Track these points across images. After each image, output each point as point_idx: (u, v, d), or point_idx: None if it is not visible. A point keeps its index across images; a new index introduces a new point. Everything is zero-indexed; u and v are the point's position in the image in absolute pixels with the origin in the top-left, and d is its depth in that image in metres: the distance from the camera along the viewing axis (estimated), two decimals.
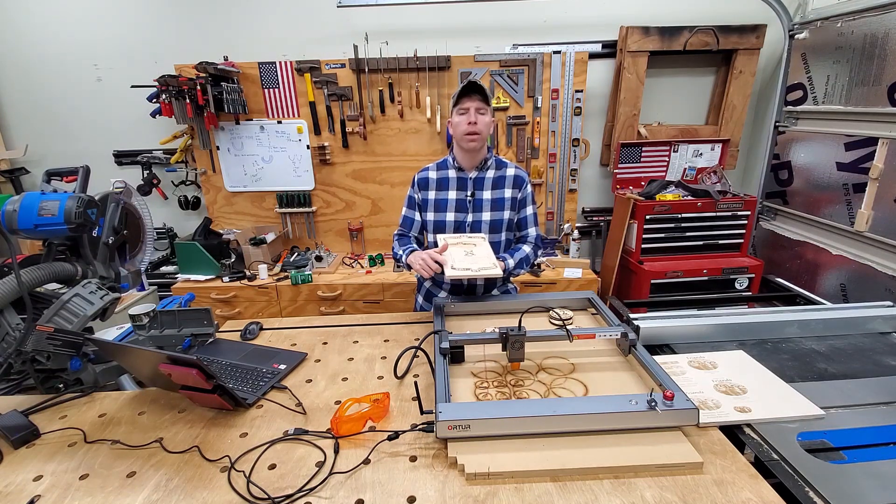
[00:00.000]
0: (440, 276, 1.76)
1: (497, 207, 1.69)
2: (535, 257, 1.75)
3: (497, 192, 1.69)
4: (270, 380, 1.31)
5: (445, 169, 1.73)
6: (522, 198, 1.72)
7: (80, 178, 1.34)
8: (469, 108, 1.57)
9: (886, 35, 2.16)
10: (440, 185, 1.72)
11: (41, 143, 3.05)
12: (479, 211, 1.69)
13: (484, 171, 1.70)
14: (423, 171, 1.76)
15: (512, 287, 1.88)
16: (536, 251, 1.75)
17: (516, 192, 1.70)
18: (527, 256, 1.70)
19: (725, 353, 1.35)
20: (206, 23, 2.84)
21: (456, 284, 1.77)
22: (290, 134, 2.92)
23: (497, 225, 1.70)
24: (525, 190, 1.72)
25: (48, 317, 1.20)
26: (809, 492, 0.86)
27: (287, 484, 0.94)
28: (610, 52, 2.85)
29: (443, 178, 1.72)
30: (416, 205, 1.76)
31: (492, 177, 1.70)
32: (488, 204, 1.68)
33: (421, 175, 1.76)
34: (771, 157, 2.84)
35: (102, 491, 0.94)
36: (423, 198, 1.74)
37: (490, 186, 1.69)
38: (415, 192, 1.76)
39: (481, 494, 0.89)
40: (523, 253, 1.69)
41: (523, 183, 1.71)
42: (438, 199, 1.71)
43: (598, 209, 3.18)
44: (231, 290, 2.70)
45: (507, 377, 1.25)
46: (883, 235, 2.18)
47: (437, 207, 1.71)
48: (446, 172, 1.72)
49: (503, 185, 1.69)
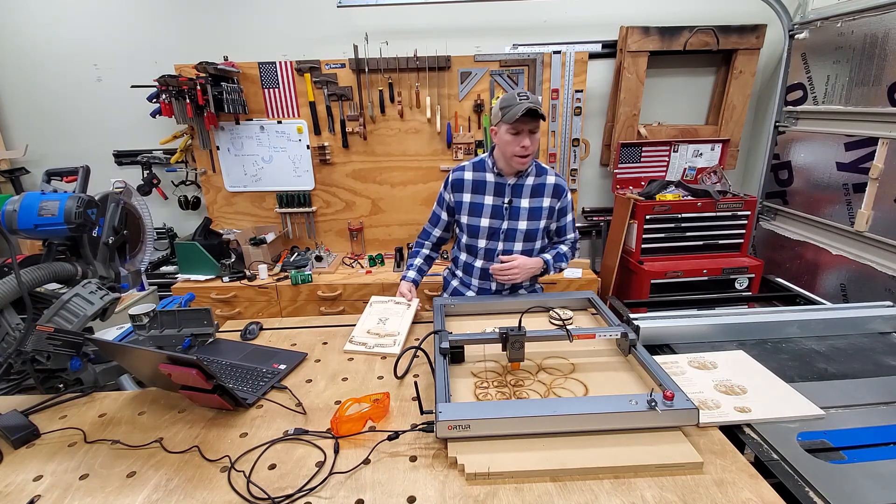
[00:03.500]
0: (467, 277, 1.79)
1: (534, 216, 1.65)
2: (572, 255, 1.78)
3: (535, 200, 1.65)
4: (270, 380, 1.31)
5: (483, 171, 1.67)
6: (562, 207, 1.70)
7: (80, 178, 1.34)
8: (524, 131, 1.50)
9: (886, 35, 2.16)
10: (476, 188, 1.67)
11: (41, 143, 3.05)
12: (516, 219, 1.65)
13: (524, 178, 1.64)
14: (457, 171, 1.70)
15: (539, 287, 1.88)
16: (574, 251, 1.79)
17: (555, 201, 1.67)
18: (564, 253, 1.73)
19: (725, 353, 1.35)
20: (206, 23, 2.84)
21: (484, 288, 1.76)
22: (290, 134, 2.92)
23: (532, 234, 1.67)
24: (565, 199, 1.69)
25: (48, 317, 1.20)
26: (809, 492, 0.86)
27: (287, 484, 0.94)
28: (610, 52, 2.85)
29: (480, 180, 1.67)
30: (447, 206, 1.74)
31: (531, 184, 1.65)
32: (525, 213, 1.65)
33: (456, 176, 1.70)
34: (771, 157, 2.84)
35: (102, 491, 0.94)
36: (458, 200, 1.70)
37: (529, 194, 1.65)
38: (447, 193, 1.72)
39: (481, 494, 0.89)
40: (561, 249, 1.73)
41: (563, 192, 1.68)
42: (474, 203, 1.67)
43: (598, 209, 3.18)
44: (231, 290, 2.70)
45: (507, 377, 1.25)
46: (883, 235, 2.18)
47: (472, 211, 1.67)
48: (484, 175, 1.66)
49: (542, 193, 1.65)
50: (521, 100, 1.46)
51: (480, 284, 1.76)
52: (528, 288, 1.83)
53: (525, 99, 1.46)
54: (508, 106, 1.48)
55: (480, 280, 1.75)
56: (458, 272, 1.82)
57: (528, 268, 1.64)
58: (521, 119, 1.46)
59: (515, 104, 1.46)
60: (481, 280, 1.74)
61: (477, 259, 1.72)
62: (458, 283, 1.82)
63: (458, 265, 1.81)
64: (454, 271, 1.85)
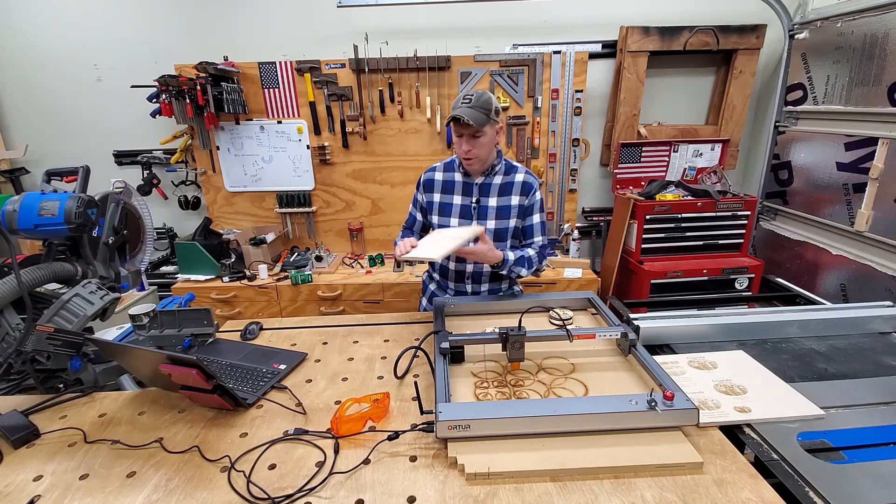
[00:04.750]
0: (443, 280, 1.77)
1: (503, 216, 1.63)
2: (538, 263, 1.65)
3: (503, 199, 1.62)
4: (270, 380, 1.31)
5: (452, 171, 1.67)
6: (529, 205, 1.62)
7: (80, 178, 1.34)
8: (464, 134, 1.49)
9: (886, 35, 2.16)
10: (445, 188, 1.67)
11: (41, 143, 3.05)
12: (484, 218, 1.63)
13: (491, 177, 1.62)
14: (429, 171, 1.71)
15: (518, 290, 1.83)
16: (541, 258, 1.66)
17: (523, 199, 1.62)
18: (529, 258, 1.60)
19: (725, 353, 1.35)
20: (206, 23, 2.84)
21: (461, 290, 1.75)
22: (290, 134, 2.92)
23: (502, 233, 1.64)
24: (533, 197, 1.62)
25: (48, 317, 1.20)
26: (809, 492, 0.86)
27: (287, 484, 0.94)
28: (610, 52, 2.85)
29: (449, 180, 1.67)
30: (420, 206, 1.73)
31: (499, 183, 1.63)
32: (493, 212, 1.62)
33: (427, 176, 1.71)
34: (771, 157, 2.84)
35: (102, 491, 0.94)
36: (428, 200, 1.69)
37: (496, 193, 1.62)
38: (420, 194, 1.72)
39: (481, 494, 0.89)
40: (527, 252, 1.61)
41: (532, 190, 1.61)
42: (443, 203, 1.66)
43: (598, 209, 3.18)
44: (231, 290, 2.70)
45: (507, 377, 1.25)
46: (883, 235, 2.18)
47: (442, 211, 1.67)
48: (452, 175, 1.67)
49: (510, 191, 1.62)
50: (463, 104, 1.46)
51: (457, 287, 1.75)
52: (507, 291, 1.78)
53: (466, 103, 1.45)
54: (453, 108, 1.49)
55: (456, 283, 1.74)
56: (434, 275, 1.82)
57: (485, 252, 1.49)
58: (455, 123, 1.46)
59: (455, 107, 1.47)
60: (457, 283, 1.74)
61: (450, 261, 1.71)
62: (436, 286, 1.82)
63: (435, 268, 1.80)
64: (431, 274, 1.86)
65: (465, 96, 1.48)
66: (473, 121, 1.43)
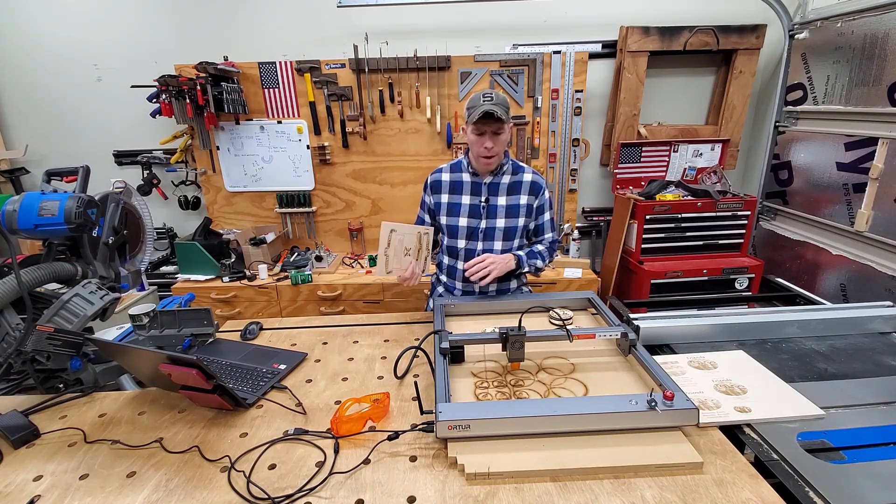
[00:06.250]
0: (451, 281, 1.78)
1: (511, 214, 1.66)
2: (549, 256, 1.73)
3: (512, 197, 1.66)
4: (270, 380, 1.31)
5: (459, 172, 1.69)
6: (540, 205, 1.68)
7: (80, 178, 1.34)
8: (486, 132, 1.51)
9: (886, 35, 2.16)
10: (453, 189, 1.68)
11: (41, 143, 3.05)
12: (493, 217, 1.66)
13: (499, 177, 1.65)
14: (436, 173, 1.73)
15: (527, 290, 1.86)
16: (552, 252, 1.74)
17: (532, 198, 1.67)
18: (540, 252, 1.69)
19: (725, 353, 1.36)
20: (206, 23, 2.84)
21: (468, 290, 1.75)
22: (290, 134, 2.92)
23: (511, 232, 1.67)
24: (543, 197, 1.68)
25: (48, 317, 1.20)
26: (809, 492, 0.86)
27: (287, 484, 0.94)
28: (610, 52, 2.85)
29: (456, 181, 1.68)
30: (428, 208, 1.74)
31: (507, 182, 1.65)
32: (503, 210, 1.65)
33: (434, 177, 1.72)
34: (771, 157, 2.84)
35: (102, 491, 0.94)
36: (436, 201, 1.71)
37: (505, 192, 1.65)
38: (427, 196, 1.74)
39: (481, 494, 0.89)
40: (536, 248, 1.70)
41: (541, 190, 1.67)
42: (452, 203, 1.68)
43: (598, 209, 3.18)
44: (231, 290, 2.70)
45: (507, 377, 1.25)
46: (883, 235, 2.18)
47: (451, 212, 1.68)
48: (460, 175, 1.68)
49: (519, 190, 1.66)
50: (485, 101, 1.47)
51: (464, 287, 1.76)
52: (516, 290, 1.81)
53: (489, 101, 1.47)
54: (473, 107, 1.49)
55: (464, 283, 1.74)
56: (442, 276, 1.83)
57: (501, 262, 1.59)
58: (481, 121, 1.47)
59: (478, 105, 1.47)
60: (464, 283, 1.74)
61: (458, 261, 1.72)
62: (443, 287, 1.83)
63: (442, 269, 1.81)
64: (439, 276, 1.86)
65: (485, 94, 1.50)
66: (504, 115, 1.47)
